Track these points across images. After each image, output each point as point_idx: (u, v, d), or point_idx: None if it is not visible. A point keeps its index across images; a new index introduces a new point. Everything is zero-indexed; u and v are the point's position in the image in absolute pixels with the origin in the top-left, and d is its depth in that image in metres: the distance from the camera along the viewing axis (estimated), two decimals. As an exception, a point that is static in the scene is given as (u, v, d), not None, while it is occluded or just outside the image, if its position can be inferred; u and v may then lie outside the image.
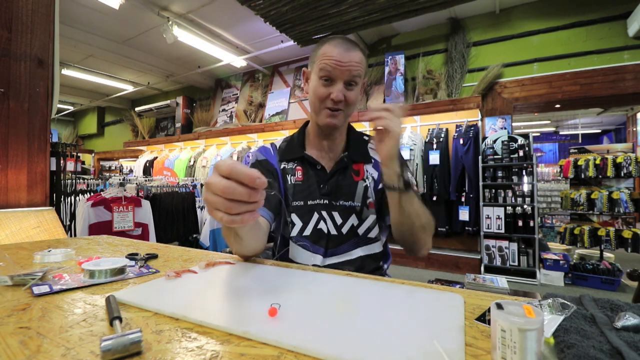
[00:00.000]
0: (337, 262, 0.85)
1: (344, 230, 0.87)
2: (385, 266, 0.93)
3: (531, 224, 3.22)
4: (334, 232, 0.87)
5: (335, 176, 0.89)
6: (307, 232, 0.87)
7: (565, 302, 0.41)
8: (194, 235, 3.35)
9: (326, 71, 0.80)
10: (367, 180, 0.90)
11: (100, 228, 2.37)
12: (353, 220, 0.87)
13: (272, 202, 0.84)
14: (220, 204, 0.43)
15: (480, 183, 3.41)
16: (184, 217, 3.20)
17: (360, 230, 0.87)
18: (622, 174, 3.25)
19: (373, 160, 0.93)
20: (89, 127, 8.61)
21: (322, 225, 0.87)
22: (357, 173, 0.90)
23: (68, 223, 2.35)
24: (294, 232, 0.88)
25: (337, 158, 0.91)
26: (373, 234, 0.88)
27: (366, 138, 0.98)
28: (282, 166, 0.93)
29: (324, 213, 0.87)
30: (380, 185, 0.88)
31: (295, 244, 0.88)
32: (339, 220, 0.87)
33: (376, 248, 0.89)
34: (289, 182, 0.91)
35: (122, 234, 2.46)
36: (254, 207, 0.45)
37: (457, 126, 3.75)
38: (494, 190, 3.43)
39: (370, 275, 0.61)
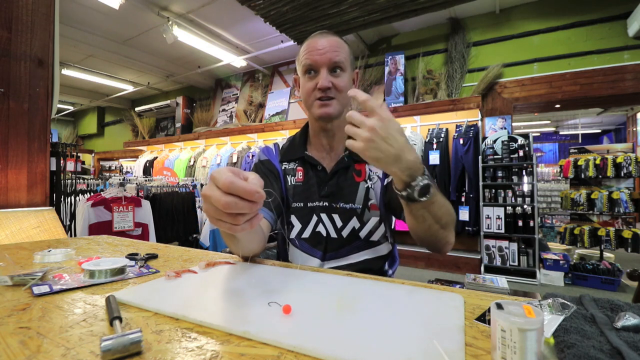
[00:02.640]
0: (337, 265, 0.83)
1: (345, 233, 0.84)
2: (390, 271, 0.88)
3: (531, 224, 3.22)
4: (334, 235, 0.84)
5: (335, 177, 0.86)
6: (306, 234, 0.86)
7: (565, 302, 0.41)
8: (194, 235, 3.35)
9: (307, 65, 0.81)
10: (369, 181, 0.85)
11: (100, 228, 2.37)
12: (354, 223, 0.84)
13: (273, 202, 0.83)
14: (222, 217, 0.45)
15: (480, 183, 3.41)
16: (184, 217, 3.20)
17: (362, 234, 0.84)
18: (622, 174, 3.25)
19: None
20: (89, 127, 8.61)
21: (320, 228, 0.85)
22: (359, 173, 0.86)
23: (68, 223, 2.35)
24: (293, 234, 0.87)
25: (338, 158, 0.87)
26: (376, 236, 0.85)
27: None
28: (283, 167, 0.91)
29: (324, 215, 0.85)
30: (386, 181, 0.83)
31: (293, 246, 0.87)
32: (339, 223, 0.84)
33: (381, 251, 0.86)
34: (290, 183, 0.89)
35: (122, 234, 2.45)
36: (253, 214, 0.47)
37: (457, 126, 3.75)
38: (494, 190, 3.42)
39: (370, 275, 0.61)
